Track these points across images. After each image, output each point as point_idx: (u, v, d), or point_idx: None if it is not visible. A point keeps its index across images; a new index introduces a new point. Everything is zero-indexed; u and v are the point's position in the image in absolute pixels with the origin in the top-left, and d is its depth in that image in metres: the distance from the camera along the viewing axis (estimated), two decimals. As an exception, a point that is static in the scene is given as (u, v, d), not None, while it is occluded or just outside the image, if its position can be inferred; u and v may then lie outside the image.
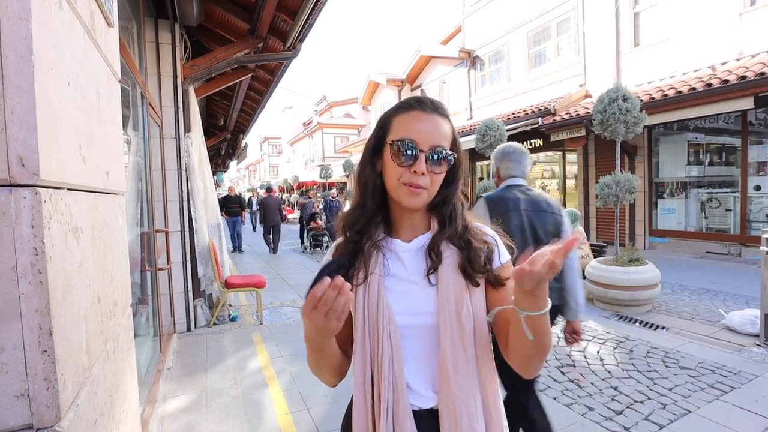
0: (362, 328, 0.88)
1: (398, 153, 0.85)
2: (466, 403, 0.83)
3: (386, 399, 0.83)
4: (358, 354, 0.88)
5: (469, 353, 0.85)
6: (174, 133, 4.30)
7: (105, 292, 1.01)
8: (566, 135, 9.06)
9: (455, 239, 0.91)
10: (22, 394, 0.65)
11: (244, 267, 8.68)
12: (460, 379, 0.84)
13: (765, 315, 3.64)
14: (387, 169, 0.89)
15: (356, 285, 0.90)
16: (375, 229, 0.93)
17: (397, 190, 0.88)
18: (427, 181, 0.86)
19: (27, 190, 0.65)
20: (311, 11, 3.83)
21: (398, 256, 0.92)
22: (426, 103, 0.89)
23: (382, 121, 0.93)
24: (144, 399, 2.68)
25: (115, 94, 1.24)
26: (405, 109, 0.90)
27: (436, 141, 0.86)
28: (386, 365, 0.84)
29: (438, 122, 0.88)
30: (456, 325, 0.85)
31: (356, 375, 0.88)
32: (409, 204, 0.87)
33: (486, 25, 12.66)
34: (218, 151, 12.61)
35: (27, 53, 0.64)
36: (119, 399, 1.10)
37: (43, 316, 0.66)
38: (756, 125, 7.27)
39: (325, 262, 0.89)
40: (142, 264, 3.26)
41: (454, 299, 0.86)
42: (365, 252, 0.91)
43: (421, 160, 0.84)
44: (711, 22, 7.48)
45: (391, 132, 0.89)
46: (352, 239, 0.94)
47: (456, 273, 0.88)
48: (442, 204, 0.93)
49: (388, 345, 0.85)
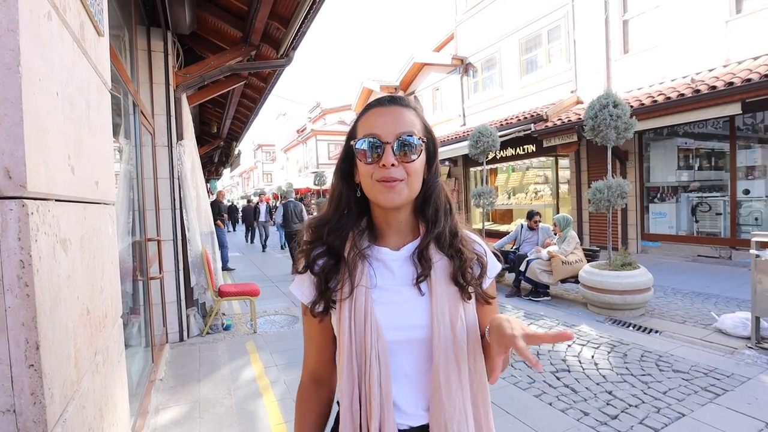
0: (349, 347, 0.82)
1: (363, 151, 0.82)
2: (458, 420, 0.80)
3: (374, 419, 0.78)
4: (344, 373, 0.82)
5: (462, 368, 0.82)
6: (166, 141, 4.28)
7: (94, 304, 1.00)
8: (558, 141, 9.15)
9: (444, 246, 0.86)
10: (7, 410, 0.64)
11: (238, 275, 8.63)
12: (453, 396, 0.80)
13: (756, 317, 3.67)
14: (360, 173, 0.85)
15: (341, 299, 0.84)
16: (359, 238, 0.88)
17: (372, 190, 0.83)
18: (402, 172, 0.81)
19: (14, 203, 0.64)
20: (304, 19, 3.85)
21: (386, 266, 0.87)
22: (384, 99, 0.87)
23: (350, 131, 0.90)
24: (135, 411, 2.64)
25: (105, 104, 1.24)
26: (365, 110, 0.88)
27: (400, 129, 0.82)
28: (375, 385, 0.79)
29: (399, 112, 0.84)
30: (450, 338, 0.81)
31: (343, 395, 0.82)
32: (387, 201, 0.82)
33: (478, 33, 12.79)
34: (211, 159, 12.57)
35: (14, 65, 0.64)
36: (109, 412, 1.09)
37: (30, 329, 0.65)
38: (743, 130, 7.38)
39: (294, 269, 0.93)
40: (133, 273, 3.23)
41: (449, 310, 0.82)
42: (349, 262, 0.85)
43: (388, 152, 0.80)
44: (698, 29, 7.61)
45: (357, 136, 0.86)
46: (316, 244, 0.90)
47: (448, 283, 0.84)
48: (424, 203, 0.88)
49: (377, 364, 0.80)
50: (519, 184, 11.76)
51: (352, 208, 0.90)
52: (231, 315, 5.38)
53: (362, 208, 0.91)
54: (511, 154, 10.93)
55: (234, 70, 4.74)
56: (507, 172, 12.27)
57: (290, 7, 3.88)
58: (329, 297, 0.86)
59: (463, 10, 13.38)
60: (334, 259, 0.87)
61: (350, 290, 0.83)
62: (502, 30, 11.82)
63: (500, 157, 11.16)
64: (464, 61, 13.36)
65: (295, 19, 3.85)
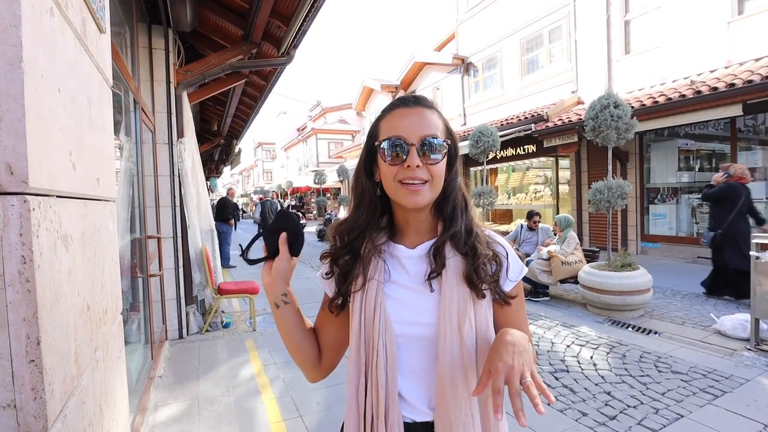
0: (358, 336, 0.85)
1: (388, 152, 0.83)
2: (464, 422, 0.79)
3: (380, 405, 0.81)
4: (353, 362, 0.85)
5: (469, 370, 0.81)
6: (167, 139, 4.28)
7: (95, 300, 1.00)
8: (559, 141, 9.15)
9: (460, 244, 0.86)
10: (8, 405, 0.64)
11: (239, 274, 8.63)
12: (459, 397, 0.79)
13: (755, 319, 3.67)
14: (382, 173, 0.86)
15: (354, 291, 0.87)
16: (377, 234, 0.90)
17: (396, 192, 0.84)
18: (426, 173, 0.82)
19: (15, 198, 0.64)
20: (305, 17, 3.84)
21: (401, 263, 0.89)
22: (408, 99, 0.87)
23: (372, 129, 0.91)
24: (134, 408, 2.64)
25: (106, 101, 1.24)
26: (389, 110, 0.88)
27: (425, 132, 0.82)
28: (381, 373, 0.81)
29: (424, 114, 0.85)
30: (456, 339, 0.81)
31: (350, 383, 0.86)
32: (411, 203, 0.83)
33: (479, 32, 12.78)
34: (212, 157, 12.56)
35: (17, 60, 0.64)
36: (108, 408, 1.09)
37: (31, 325, 0.66)
38: (744, 132, 7.38)
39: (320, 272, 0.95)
40: (133, 270, 3.23)
41: (456, 311, 0.82)
42: (364, 257, 0.88)
43: (413, 154, 0.81)
44: (700, 30, 7.60)
45: (380, 135, 0.86)
46: (341, 249, 0.92)
47: (460, 283, 0.83)
48: (443, 201, 0.89)
49: (384, 354, 0.82)
50: (519, 184, 11.76)
51: (374, 206, 0.91)
52: (230, 313, 5.38)
53: (383, 206, 0.92)
54: (512, 154, 10.92)
55: (235, 68, 4.73)
56: (507, 172, 12.27)
57: (291, 6, 3.88)
58: (346, 291, 0.89)
59: (464, 9, 13.37)
60: (353, 256, 0.90)
61: (363, 283, 0.86)
62: (504, 30, 11.81)
63: (500, 157, 11.15)
64: (465, 60, 13.35)
65: (296, 17, 3.84)
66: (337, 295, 0.90)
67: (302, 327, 0.95)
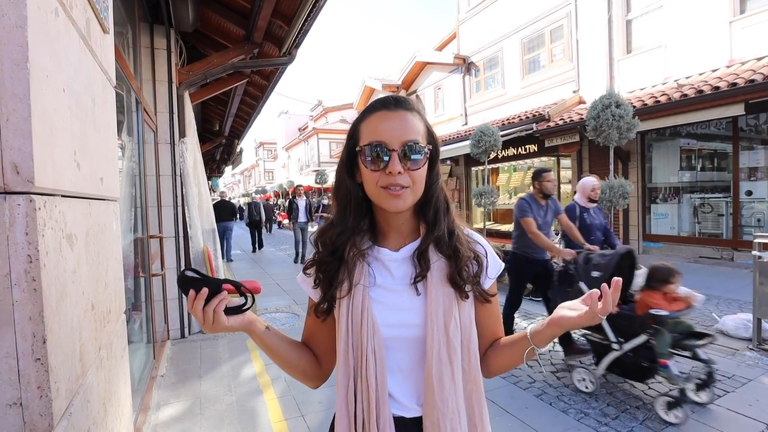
0: (345, 341, 0.84)
1: (369, 157, 0.82)
2: (451, 419, 0.81)
3: (371, 410, 0.81)
4: (341, 366, 0.85)
5: (455, 368, 0.83)
6: (169, 139, 4.29)
7: (99, 299, 1.00)
8: (560, 141, 9.13)
9: (443, 247, 0.87)
10: (14, 403, 0.65)
11: (239, 273, 8.64)
12: (446, 395, 0.82)
13: (758, 319, 3.67)
14: (364, 177, 0.85)
15: (340, 297, 0.86)
16: (360, 239, 0.89)
17: (377, 196, 0.84)
18: (407, 179, 0.81)
19: (21, 198, 0.64)
20: (307, 17, 3.85)
21: (385, 266, 0.89)
22: (389, 102, 0.85)
23: (351, 130, 0.89)
24: (137, 407, 2.65)
25: (110, 100, 1.24)
26: (369, 112, 0.86)
27: (406, 137, 0.81)
28: (371, 377, 0.82)
29: (405, 117, 0.83)
30: (443, 338, 0.83)
31: (339, 387, 0.85)
32: (393, 207, 0.82)
33: (481, 32, 12.77)
34: (213, 156, 12.57)
35: (23, 61, 0.64)
36: (112, 407, 1.09)
37: (37, 323, 0.66)
38: (747, 131, 7.36)
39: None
40: (135, 270, 3.24)
41: (443, 312, 0.83)
42: (348, 261, 0.87)
43: (395, 160, 0.80)
44: (702, 29, 7.59)
45: (361, 139, 0.85)
46: (326, 255, 0.90)
47: (445, 284, 0.85)
48: (425, 204, 0.89)
49: (373, 358, 0.82)
50: (520, 183, 11.74)
51: (360, 207, 0.90)
52: (232, 312, 5.37)
53: (366, 208, 0.91)
54: (513, 154, 10.91)
55: (236, 68, 4.74)
56: (508, 171, 12.26)
57: (293, 6, 3.88)
58: (332, 296, 0.88)
59: (465, 9, 13.36)
60: (337, 261, 0.89)
61: (349, 288, 0.86)
62: (505, 29, 11.80)
63: (502, 157, 11.14)
64: (466, 60, 13.34)
65: (297, 17, 3.85)
66: (322, 299, 0.90)
67: (288, 343, 0.93)
